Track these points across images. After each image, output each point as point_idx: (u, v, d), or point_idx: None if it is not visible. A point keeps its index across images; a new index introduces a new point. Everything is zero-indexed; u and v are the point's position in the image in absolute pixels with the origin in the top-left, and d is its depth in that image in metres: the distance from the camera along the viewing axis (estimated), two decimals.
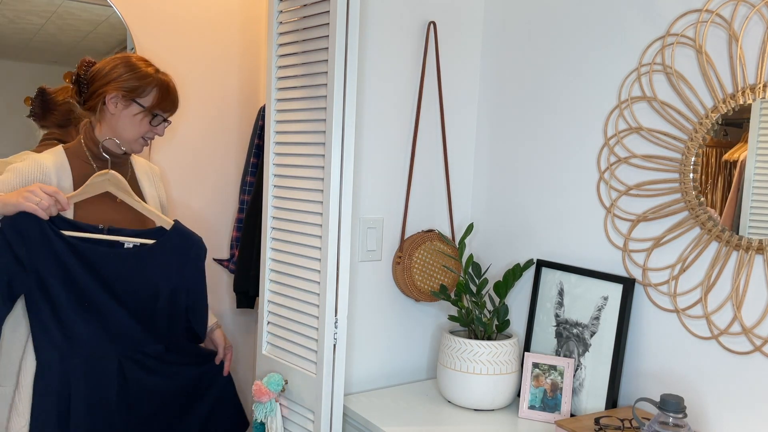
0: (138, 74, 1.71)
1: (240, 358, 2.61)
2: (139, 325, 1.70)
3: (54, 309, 1.58)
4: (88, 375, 1.63)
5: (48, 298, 1.58)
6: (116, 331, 1.67)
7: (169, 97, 1.76)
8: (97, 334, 1.64)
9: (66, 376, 1.60)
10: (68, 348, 1.61)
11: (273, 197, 1.74)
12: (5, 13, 2.08)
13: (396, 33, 1.84)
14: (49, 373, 1.59)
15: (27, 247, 1.54)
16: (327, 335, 1.54)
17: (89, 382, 1.63)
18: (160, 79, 1.74)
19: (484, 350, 1.67)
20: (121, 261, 1.65)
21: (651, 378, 1.56)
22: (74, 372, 1.61)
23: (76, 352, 1.61)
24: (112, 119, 1.72)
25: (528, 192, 1.88)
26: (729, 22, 1.41)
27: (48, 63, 2.18)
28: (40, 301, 1.57)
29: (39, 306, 1.57)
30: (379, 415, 1.67)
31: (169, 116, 1.80)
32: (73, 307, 1.60)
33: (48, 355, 1.59)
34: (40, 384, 1.58)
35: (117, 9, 2.22)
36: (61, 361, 1.60)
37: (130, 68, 1.71)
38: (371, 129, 1.83)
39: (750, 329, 1.37)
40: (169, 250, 1.71)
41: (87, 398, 1.62)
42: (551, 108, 1.81)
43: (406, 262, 1.86)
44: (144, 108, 1.72)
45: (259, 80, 2.56)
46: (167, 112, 1.79)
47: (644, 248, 1.59)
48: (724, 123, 1.41)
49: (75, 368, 1.61)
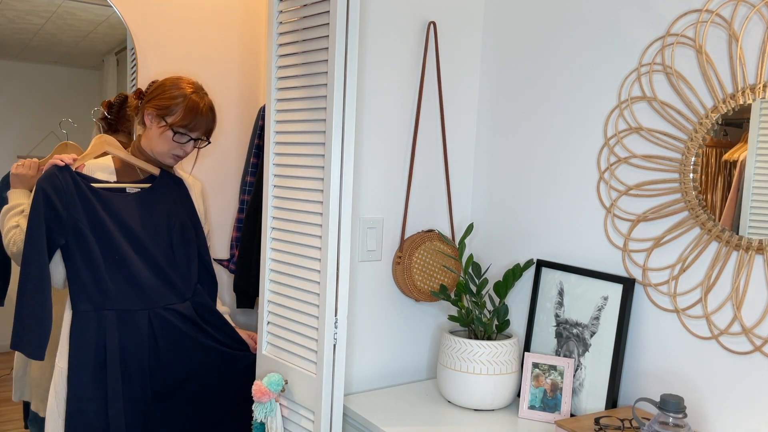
0: (171, 94, 1.86)
1: None
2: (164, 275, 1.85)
3: (89, 261, 1.72)
4: (120, 327, 1.75)
5: (83, 249, 1.72)
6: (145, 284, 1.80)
7: (192, 116, 1.87)
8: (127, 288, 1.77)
9: (102, 326, 1.73)
10: (102, 300, 1.73)
11: (273, 197, 1.74)
12: (5, 13, 2.08)
13: (396, 33, 1.84)
14: (85, 323, 1.72)
15: (65, 198, 1.70)
16: (327, 335, 1.54)
17: (122, 334, 1.75)
18: (189, 99, 1.87)
19: (484, 350, 1.67)
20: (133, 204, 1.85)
21: (651, 378, 1.56)
22: (109, 323, 1.73)
23: (109, 303, 1.74)
24: (149, 133, 1.90)
25: (528, 192, 1.88)
26: (729, 22, 1.41)
27: (48, 63, 2.18)
28: (76, 253, 1.72)
29: (75, 258, 1.71)
30: (379, 415, 1.67)
31: (197, 135, 1.91)
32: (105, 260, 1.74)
33: (83, 305, 1.72)
34: (76, 332, 1.70)
35: (117, 9, 2.22)
36: (96, 311, 1.73)
37: (168, 88, 1.88)
38: (371, 129, 1.83)
39: (750, 329, 1.37)
40: (164, 189, 1.93)
41: (121, 350, 1.75)
42: (551, 108, 1.81)
43: (406, 262, 1.86)
44: (166, 124, 1.86)
45: (259, 80, 2.56)
46: (193, 132, 1.90)
47: (644, 248, 1.59)
48: (724, 123, 1.41)
49: (109, 319, 1.73)
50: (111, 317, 1.73)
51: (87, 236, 1.72)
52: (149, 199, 1.87)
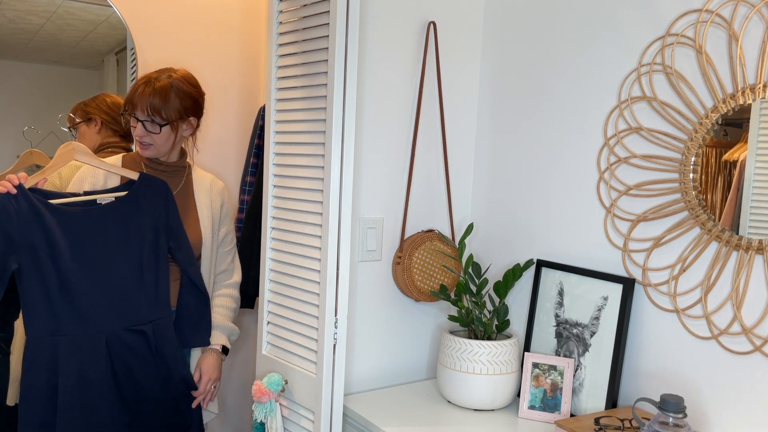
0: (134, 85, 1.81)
1: (240, 358, 2.61)
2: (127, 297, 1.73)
3: (42, 285, 1.63)
4: (76, 352, 1.66)
5: (39, 274, 1.63)
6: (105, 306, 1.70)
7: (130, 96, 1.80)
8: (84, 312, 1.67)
9: (55, 352, 1.64)
10: (55, 325, 1.64)
11: (273, 197, 1.74)
12: (5, 13, 2.08)
13: (396, 33, 1.84)
14: (37, 348, 1.63)
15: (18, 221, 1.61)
16: (327, 335, 1.54)
17: (77, 359, 1.66)
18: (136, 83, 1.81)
19: (484, 350, 1.67)
20: (103, 217, 1.72)
21: (651, 378, 1.56)
22: (63, 348, 1.64)
23: (63, 328, 1.65)
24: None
25: (528, 192, 1.88)
26: (729, 22, 1.41)
27: (48, 63, 2.18)
28: (31, 277, 1.62)
29: (28, 282, 1.62)
30: (379, 415, 1.67)
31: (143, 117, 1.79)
32: (60, 284, 1.64)
33: (37, 331, 1.63)
34: (29, 358, 1.63)
35: (117, 9, 2.22)
36: (50, 337, 1.64)
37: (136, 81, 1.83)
38: (371, 129, 1.83)
39: (750, 329, 1.37)
40: (142, 196, 1.79)
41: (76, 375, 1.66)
42: (551, 108, 1.81)
43: (406, 262, 1.86)
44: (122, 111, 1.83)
45: (259, 80, 2.56)
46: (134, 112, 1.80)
47: (644, 248, 1.59)
48: (724, 123, 1.41)
49: (63, 344, 1.64)
50: (65, 342, 1.64)
51: (41, 259, 1.62)
52: (123, 209, 1.75)
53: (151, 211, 1.79)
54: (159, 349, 1.76)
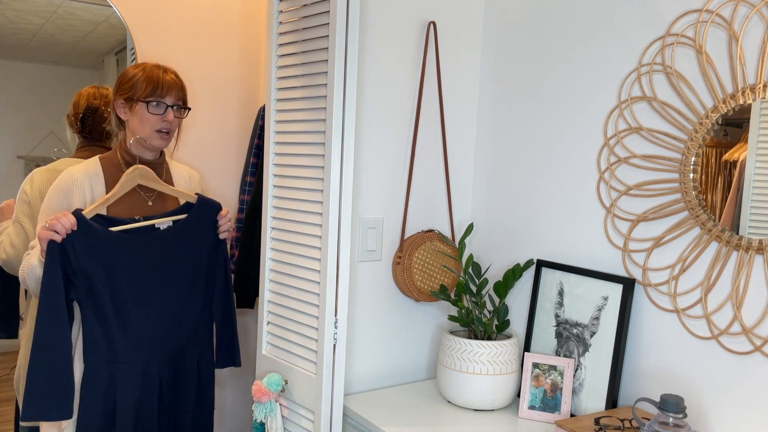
0: (129, 75, 1.79)
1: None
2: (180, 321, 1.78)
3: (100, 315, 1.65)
4: (132, 379, 1.70)
5: (96, 305, 1.65)
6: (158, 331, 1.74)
7: (155, 81, 1.78)
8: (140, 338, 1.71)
9: (112, 380, 1.68)
10: (112, 354, 1.68)
11: (273, 197, 1.74)
12: (5, 13, 2.08)
13: (396, 33, 1.84)
14: (94, 377, 1.67)
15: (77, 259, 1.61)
16: (327, 335, 1.54)
17: (133, 385, 1.71)
18: (148, 70, 1.79)
19: (484, 350, 1.67)
20: (162, 243, 1.74)
21: (651, 378, 1.56)
22: (119, 377, 1.69)
23: (120, 356, 1.69)
24: (129, 125, 1.80)
25: (528, 192, 1.88)
26: (729, 22, 1.41)
27: (48, 63, 2.18)
28: (88, 309, 1.64)
29: (87, 313, 1.64)
30: (379, 415, 1.67)
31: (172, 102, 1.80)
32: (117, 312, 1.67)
33: (94, 360, 1.66)
34: (86, 385, 1.66)
35: (117, 9, 2.22)
36: (107, 366, 1.68)
37: (126, 72, 1.80)
38: (371, 129, 1.83)
39: (750, 329, 1.37)
40: (200, 220, 1.81)
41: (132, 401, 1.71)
42: (551, 108, 1.81)
43: (406, 262, 1.86)
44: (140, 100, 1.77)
45: (259, 80, 2.56)
46: (165, 98, 1.78)
47: (644, 248, 1.59)
48: (724, 123, 1.41)
49: (120, 373, 1.69)
50: (121, 371, 1.69)
51: (99, 290, 1.64)
52: (180, 235, 1.77)
53: (207, 234, 1.82)
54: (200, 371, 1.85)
